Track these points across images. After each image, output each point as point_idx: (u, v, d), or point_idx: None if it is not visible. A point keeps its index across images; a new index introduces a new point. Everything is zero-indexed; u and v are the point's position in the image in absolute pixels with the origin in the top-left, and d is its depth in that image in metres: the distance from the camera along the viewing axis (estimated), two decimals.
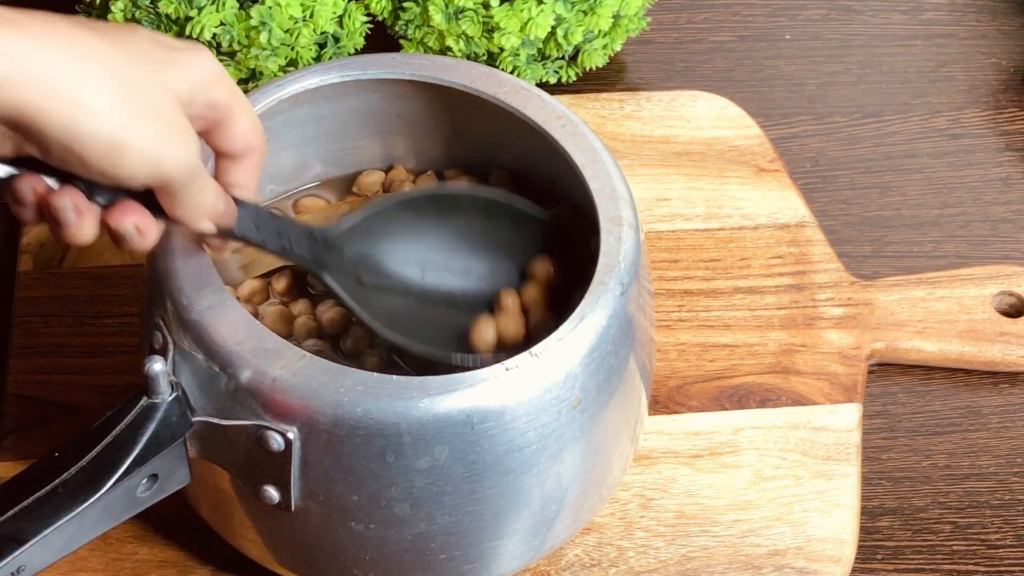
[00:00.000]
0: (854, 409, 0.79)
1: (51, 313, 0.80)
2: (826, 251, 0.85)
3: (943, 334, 0.81)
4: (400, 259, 0.68)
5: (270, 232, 0.63)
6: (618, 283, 0.64)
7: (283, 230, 0.64)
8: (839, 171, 0.91)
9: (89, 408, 0.76)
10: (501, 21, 0.87)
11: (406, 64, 0.71)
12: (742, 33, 0.98)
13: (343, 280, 0.66)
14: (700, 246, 0.85)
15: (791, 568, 0.73)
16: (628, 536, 0.74)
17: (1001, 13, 1.01)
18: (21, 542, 0.58)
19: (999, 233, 0.88)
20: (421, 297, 0.69)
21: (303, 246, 0.64)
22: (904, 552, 0.75)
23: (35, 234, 0.83)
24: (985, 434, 0.80)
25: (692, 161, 0.89)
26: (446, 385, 0.60)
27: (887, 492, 0.77)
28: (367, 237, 0.67)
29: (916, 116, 0.94)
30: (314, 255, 0.65)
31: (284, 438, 0.60)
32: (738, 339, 0.81)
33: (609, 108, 0.91)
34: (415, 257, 0.69)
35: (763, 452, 0.77)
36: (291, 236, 0.64)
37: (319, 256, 0.65)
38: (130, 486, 0.60)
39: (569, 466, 0.64)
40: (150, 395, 0.60)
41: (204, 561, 0.72)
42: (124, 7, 0.86)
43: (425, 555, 0.64)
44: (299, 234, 0.64)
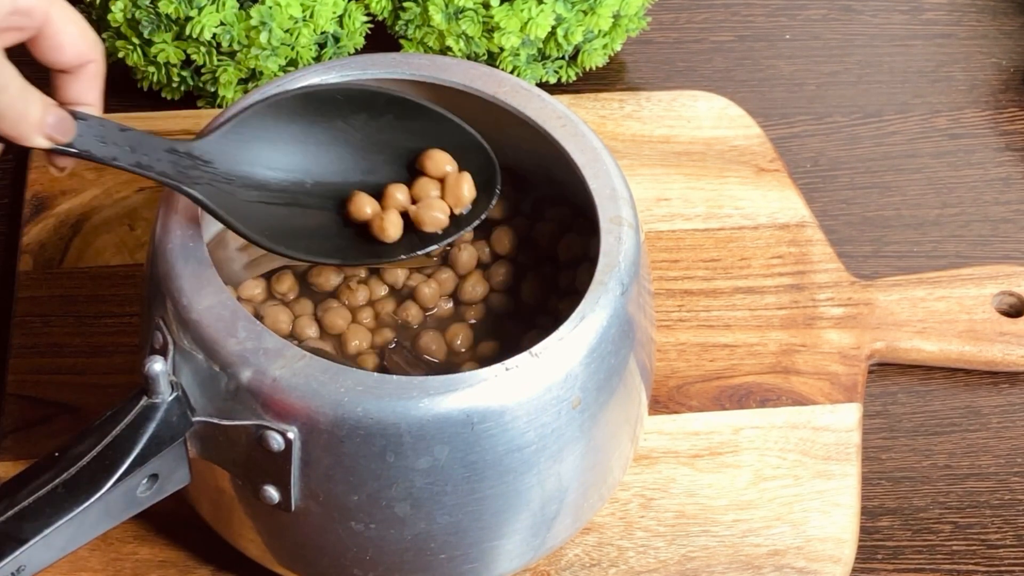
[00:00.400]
0: (854, 409, 0.79)
1: (51, 313, 0.80)
2: (826, 251, 0.85)
3: (943, 334, 0.81)
4: (280, 166, 0.65)
5: (121, 147, 0.60)
6: (618, 283, 0.64)
7: (137, 144, 0.60)
8: (839, 171, 0.91)
9: (89, 408, 0.76)
10: (501, 21, 0.87)
11: (406, 64, 0.71)
12: (742, 33, 0.99)
13: (216, 195, 0.62)
14: (700, 246, 0.85)
15: (791, 568, 0.73)
16: (628, 536, 0.74)
17: (1001, 13, 1.01)
18: (21, 542, 0.58)
19: (999, 233, 0.88)
20: (308, 204, 0.66)
21: (163, 161, 0.61)
22: (904, 552, 0.75)
23: (35, 234, 0.83)
24: (985, 434, 0.80)
25: (692, 161, 0.89)
26: (446, 385, 0.60)
27: (887, 492, 0.77)
28: (239, 146, 0.64)
29: (916, 116, 0.94)
30: (178, 170, 0.61)
31: (284, 438, 0.60)
32: (738, 339, 0.81)
33: (609, 108, 0.91)
34: (296, 163, 0.66)
35: (763, 452, 0.77)
36: (147, 150, 0.60)
37: (184, 171, 0.61)
38: (130, 486, 0.60)
39: (569, 466, 0.64)
40: (150, 395, 0.60)
41: (204, 561, 0.72)
42: (124, 7, 0.86)
43: (425, 555, 0.64)
44: (156, 147, 0.61)
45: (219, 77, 0.88)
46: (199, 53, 0.87)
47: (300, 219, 0.66)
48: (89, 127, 0.59)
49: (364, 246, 0.67)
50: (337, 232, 0.67)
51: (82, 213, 0.84)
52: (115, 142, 0.60)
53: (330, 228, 0.67)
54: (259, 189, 0.64)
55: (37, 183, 0.85)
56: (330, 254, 0.66)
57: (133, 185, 0.85)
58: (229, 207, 0.62)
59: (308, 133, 0.66)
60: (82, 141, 0.59)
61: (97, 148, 0.59)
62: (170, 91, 0.90)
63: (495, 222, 0.73)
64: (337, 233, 0.67)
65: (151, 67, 0.88)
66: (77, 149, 0.59)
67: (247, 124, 0.64)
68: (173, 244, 0.63)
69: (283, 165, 0.65)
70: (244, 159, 0.64)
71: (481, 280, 0.72)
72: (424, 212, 0.67)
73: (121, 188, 0.85)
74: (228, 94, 0.88)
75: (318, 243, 0.65)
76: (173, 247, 0.63)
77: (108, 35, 0.88)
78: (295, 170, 0.66)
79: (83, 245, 0.83)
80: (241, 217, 0.63)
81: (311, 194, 0.66)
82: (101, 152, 0.59)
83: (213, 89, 0.89)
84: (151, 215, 0.82)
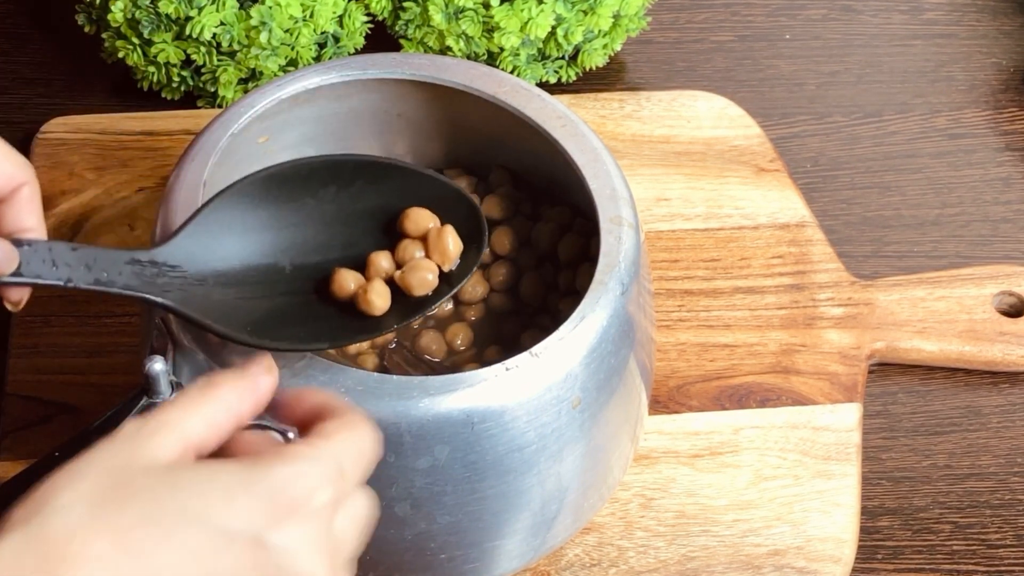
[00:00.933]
0: (854, 409, 0.79)
1: (51, 313, 0.80)
2: (826, 251, 0.85)
3: (943, 334, 0.81)
4: (254, 256, 0.62)
5: (75, 267, 0.56)
6: (618, 283, 0.64)
7: (93, 261, 0.56)
8: (839, 171, 0.91)
9: (89, 408, 0.76)
10: (501, 21, 0.87)
11: (406, 64, 0.71)
12: (742, 33, 0.98)
13: (188, 300, 0.58)
14: (700, 246, 0.85)
15: (791, 568, 0.73)
16: (628, 536, 0.74)
17: (1001, 13, 1.01)
18: None
19: (999, 233, 0.88)
20: (289, 291, 0.63)
21: (125, 274, 0.57)
22: (904, 552, 0.75)
23: None
24: (985, 434, 0.80)
25: (692, 161, 0.89)
26: (446, 385, 0.60)
27: (887, 492, 0.77)
28: (206, 243, 0.60)
29: (916, 116, 0.94)
30: (143, 281, 0.57)
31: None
32: (738, 339, 0.81)
33: (609, 108, 0.91)
34: (270, 249, 0.62)
35: (763, 452, 0.77)
36: (105, 266, 0.56)
37: (151, 280, 0.57)
38: None
39: (569, 466, 0.64)
40: (150, 395, 0.60)
41: None
42: (124, 7, 0.86)
43: (425, 555, 0.64)
44: (116, 260, 0.57)
45: (219, 77, 0.88)
46: (199, 53, 0.87)
47: (283, 307, 0.62)
48: (35, 252, 0.55)
49: (353, 322, 0.63)
50: (323, 313, 0.63)
51: (82, 213, 0.84)
52: (67, 263, 0.56)
53: (315, 310, 0.63)
54: (236, 286, 0.61)
55: None
56: (318, 339, 0.62)
57: (133, 185, 0.85)
58: (205, 309, 0.59)
59: (278, 217, 0.63)
60: (29, 268, 0.55)
61: (47, 272, 0.55)
62: (170, 91, 0.90)
63: (495, 222, 0.73)
64: (323, 315, 0.63)
65: (151, 67, 0.88)
66: (25, 278, 0.55)
67: (211, 219, 0.61)
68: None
69: (257, 253, 0.62)
70: (214, 256, 0.60)
71: (481, 280, 0.72)
72: (411, 276, 0.64)
73: (121, 188, 0.85)
74: (228, 94, 0.88)
75: (304, 328, 0.62)
76: None
77: (108, 35, 0.88)
78: (270, 255, 0.62)
79: None
80: (219, 317, 0.59)
81: (292, 279, 0.63)
82: (53, 275, 0.55)
83: (213, 89, 0.89)
84: (151, 215, 0.82)
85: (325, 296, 0.64)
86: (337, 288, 0.63)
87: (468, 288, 0.71)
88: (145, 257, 0.58)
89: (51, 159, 0.86)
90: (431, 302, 0.65)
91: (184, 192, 0.65)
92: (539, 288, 0.72)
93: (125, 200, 0.85)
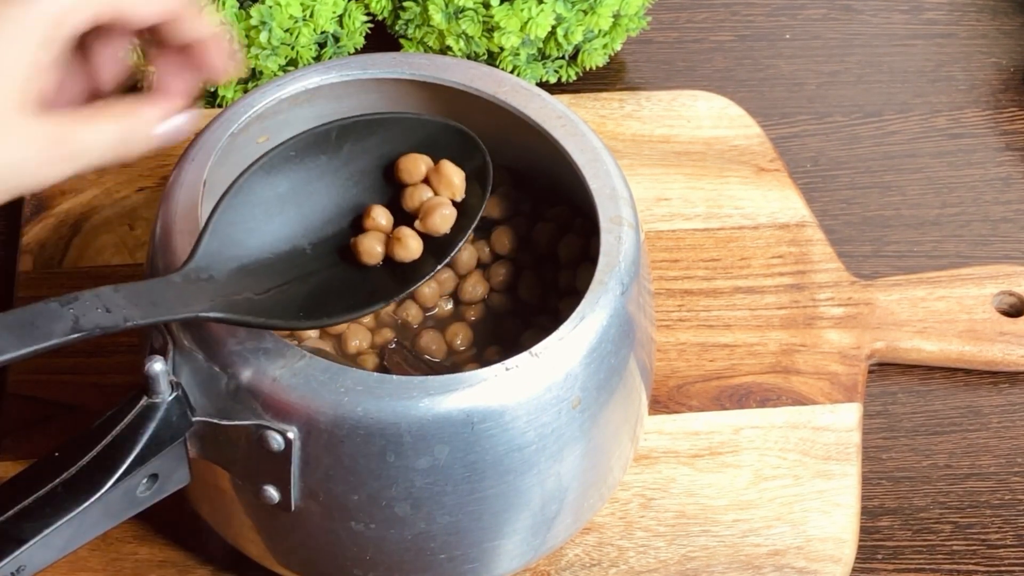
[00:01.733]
0: (854, 409, 0.79)
1: None
2: (826, 251, 0.85)
3: (943, 334, 0.81)
4: (272, 244, 0.62)
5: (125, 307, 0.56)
6: (618, 283, 0.64)
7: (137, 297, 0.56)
8: (839, 171, 0.91)
9: (89, 408, 0.76)
10: (501, 21, 0.87)
11: (406, 64, 0.71)
12: (742, 33, 0.98)
13: (236, 305, 0.59)
14: (700, 246, 0.85)
15: (791, 568, 0.73)
16: (628, 536, 0.74)
17: (1001, 13, 1.01)
18: (21, 542, 0.58)
19: (999, 233, 0.88)
20: (318, 268, 0.63)
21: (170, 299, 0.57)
22: (904, 552, 0.75)
23: (35, 234, 0.83)
24: (985, 434, 0.80)
25: (692, 161, 0.89)
26: (446, 385, 0.60)
27: (887, 492, 0.77)
28: (227, 243, 0.61)
29: (916, 116, 0.94)
30: (188, 300, 0.58)
31: (284, 438, 0.60)
32: (738, 339, 0.81)
33: (609, 108, 0.91)
34: (285, 232, 0.63)
35: (763, 452, 0.77)
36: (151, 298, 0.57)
37: (194, 297, 0.58)
38: (130, 486, 0.60)
39: (569, 466, 0.64)
40: (150, 395, 0.60)
41: (204, 561, 0.72)
42: None
43: (425, 555, 0.64)
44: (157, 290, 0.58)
45: None
46: None
47: (321, 285, 0.63)
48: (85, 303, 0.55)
49: (393, 275, 0.64)
50: (360, 278, 0.64)
51: (82, 213, 0.84)
52: (117, 304, 0.56)
53: (352, 276, 0.64)
54: (267, 277, 0.61)
55: None
56: (370, 301, 0.63)
57: (133, 185, 0.85)
58: (252, 309, 0.59)
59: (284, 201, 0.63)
60: (88, 320, 0.55)
61: (105, 319, 0.55)
62: None
63: (495, 222, 0.73)
64: (361, 279, 0.64)
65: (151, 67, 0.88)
66: (87, 332, 0.55)
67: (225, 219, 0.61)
68: (173, 243, 0.63)
69: (275, 241, 0.63)
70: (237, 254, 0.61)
71: (481, 280, 0.72)
72: (429, 218, 0.65)
73: (121, 188, 0.85)
74: (228, 94, 0.88)
75: (352, 297, 0.63)
76: (173, 246, 0.63)
77: None
78: (289, 240, 0.63)
79: (83, 245, 0.83)
80: (268, 312, 0.60)
81: (315, 256, 0.64)
82: (111, 321, 0.55)
83: (213, 89, 0.89)
84: (151, 215, 0.82)
85: (354, 261, 0.64)
86: (365, 254, 0.64)
87: (468, 288, 0.71)
88: (179, 278, 0.59)
89: None
90: (458, 238, 0.65)
91: (184, 192, 0.65)
92: (539, 288, 0.72)
93: (125, 200, 0.85)
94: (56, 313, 0.54)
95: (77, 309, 0.55)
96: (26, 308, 0.54)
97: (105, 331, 0.55)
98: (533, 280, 0.72)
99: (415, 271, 0.65)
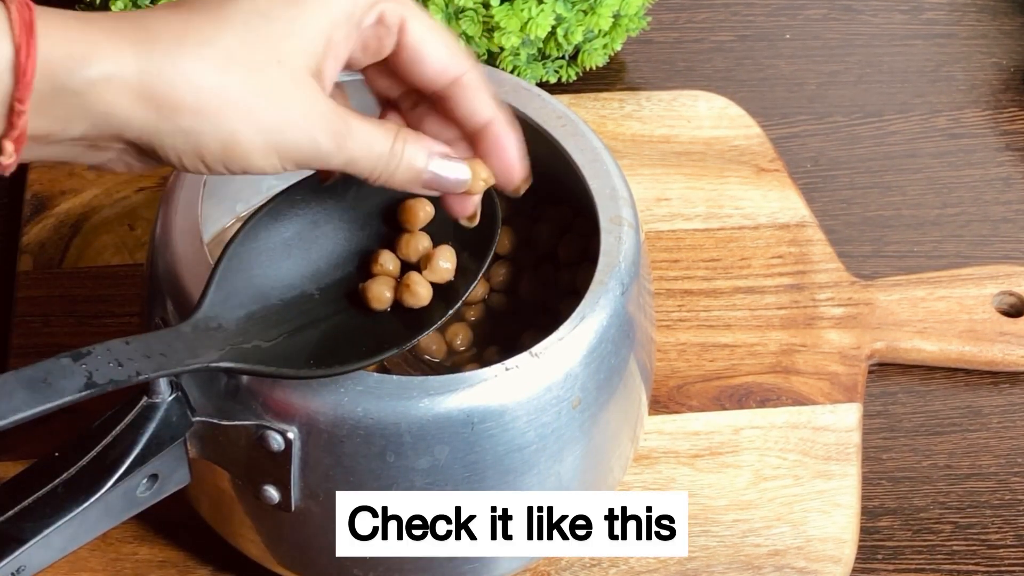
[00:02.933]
0: (854, 409, 0.79)
1: (51, 313, 0.80)
2: (826, 251, 0.85)
3: (943, 334, 0.81)
4: (280, 289, 0.62)
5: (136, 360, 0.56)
6: (618, 283, 0.64)
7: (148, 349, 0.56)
8: (839, 171, 0.91)
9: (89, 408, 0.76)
10: (501, 21, 0.87)
11: None
12: (742, 33, 0.98)
13: (247, 354, 0.59)
14: (700, 246, 0.85)
15: (791, 568, 0.73)
16: None
17: (1001, 13, 1.01)
18: (21, 542, 0.58)
19: (999, 233, 0.88)
20: (326, 315, 0.63)
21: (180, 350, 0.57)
22: (904, 552, 0.75)
23: (35, 234, 0.83)
24: (985, 434, 0.80)
25: (692, 161, 0.89)
26: (446, 385, 0.60)
27: (887, 492, 0.77)
28: (235, 291, 0.60)
29: (916, 116, 0.94)
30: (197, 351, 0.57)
31: (284, 438, 0.60)
32: (738, 339, 0.81)
33: (609, 108, 0.91)
34: (295, 278, 0.63)
35: (763, 452, 0.77)
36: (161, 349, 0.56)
37: (204, 347, 0.58)
38: (130, 486, 0.60)
39: (569, 466, 0.64)
40: (150, 395, 0.60)
41: (204, 561, 0.72)
42: (124, 6, 0.86)
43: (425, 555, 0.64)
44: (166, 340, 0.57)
45: None
46: None
47: (330, 330, 0.62)
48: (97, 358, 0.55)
49: (402, 321, 0.63)
50: (369, 323, 0.63)
51: (82, 213, 0.84)
52: (128, 357, 0.56)
53: (360, 322, 0.63)
54: (275, 326, 0.61)
55: (37, 183, 0.85)
56: (380, 348, 0.62)
57: (133, 185, 0.85)
58: (262, 358, 0.59)
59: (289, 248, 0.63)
60: (101, 374, 0.55)
61: (118, 373, 0.55)
62: None
63: None
64: (370, 324, 0.63)
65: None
66: (102, 387, 0.55)
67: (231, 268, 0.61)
68: (173, 244, 0.63)
69: (282, 287, 0.62)
70: (244, 302, 0.61)
71: (481, 280, 0.72)
72: (430, 269, 0.64)
73: (121, 188, 0.85)
74: None
75: (362, 343, 0.62)
76: (173, 247, 0.63)
77: None
78: (296, 286, 0.62)
79: (83, 245, 0.83)
80: (278, 360, 0.59)
81: (323, 302, 0.63)
82: (124, 375, 0.55)
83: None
84: (151, 215, 0.82)
85: (362, 306, 0.63)
86: (375, 300, 0.63)
87: None
88: (188, 328, 0.58)
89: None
90: (466, 283, 0.64)
91: (184, 192, 0.65)
92: (539, 288, 0.72)
93: (125, 200, 0.85)
94: (68, 369, 0.54)
95: (89, 364, 0.55)
96: (39, 365, 0.54)
97: (118, 386, 0.55)
98: (533, 280, 0.72)
99: (425, 316, 0.64)
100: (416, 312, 0.63)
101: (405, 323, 0.63)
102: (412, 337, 0.63)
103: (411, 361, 0.69)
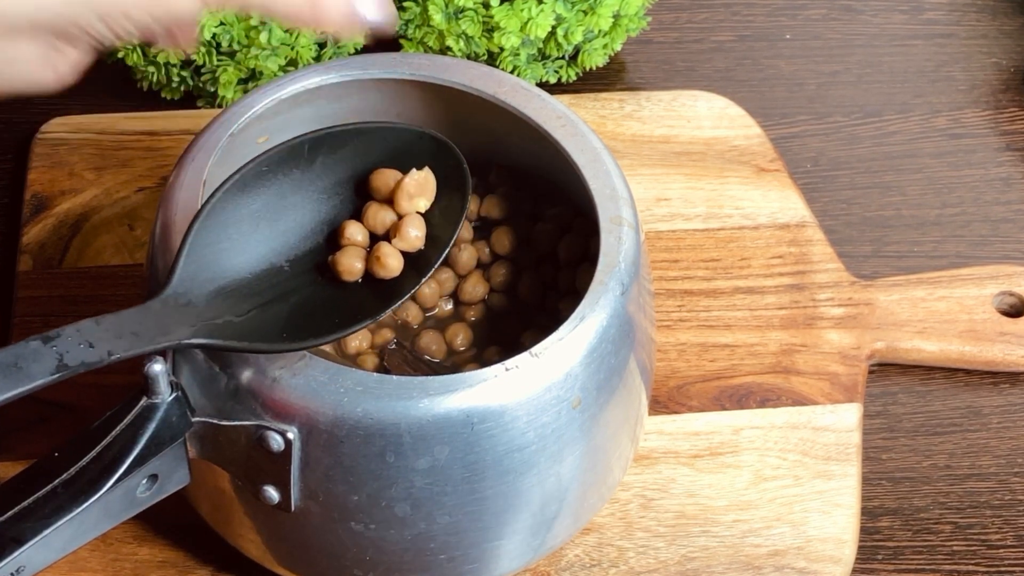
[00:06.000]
0: (854, 409, 0.79)
1: (51, 313, 0.80)
2: (826, 251, 0.85)
3: (943, 334, 0.81)
4: (250, 263, 0.61)
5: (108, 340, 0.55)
6: (618, 283, 0.64)
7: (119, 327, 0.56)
8: (839, 171, 0.91)
9: (89, 408, 0.76)
10: (501, 21, 0.87)
11: (406, 64, 0.71)
12: (742, 33, 0.99)
13: (218, 329, 0.58)
14: (700, 246, 0.85)
15: (791, 568, 0.73)
16: (628, 536, 0.74)
17: (1001, 13, 1.01)
18: (21, 542, 0.58)
19: (999, 233, 0.88)
20: (297, 288, 0.62)
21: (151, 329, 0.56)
22: (904, 552, 0.75)
23: (35, 234, 0.83)
24: (985, 434, 0.80)
25: (692, 161, 0.89)
26: (446, 385, 0.60)
27: (887, 492, 0.77)
28: (204, 264, 0.60)
29: (916, 116, 0.94)
30: (168, 328, 0.57)
31: (284, 438, 0.60)
32: (738, 339, 0.81)
33: (609, 108, 0.91)
34: (264, 250, 0.62)
35: (763, 452, 0.77)
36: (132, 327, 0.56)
37: (175, 324, 0.57)
38: (130, 486, 0.60)
39: (569, 466, 0.64)
40: (150, 395, 0.60)
41: (204, 561, 0.72)
42: None
43: (425, 555, 0.64)
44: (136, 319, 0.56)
45: (219, 77, 0.88)
46: (199, 53, 0.87)
47: (301, 303, 0.62)
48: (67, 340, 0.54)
49: (374, 292, 0.63)
50: (341, 295, 0.63)
51: (82, 213, 0.84)
52: (99, 338, 0.55)
53: (332, 294, 0.63)
54: (246, 299, 0.60)
55: (36, 183, 0.85)
56: (354, 319, 0.61)
57: (133, 185, 0.85)
58: (234, 333, 0.58)
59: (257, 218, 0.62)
60: (72, 357, 0.54)
61: (89, 355, 0.54)
62: (170, 91, 0.90)
63: (495, 222, 0.73)
64: (342, 296, 0.63)
65: (151, 67, 0.88)
66: (73, 369, 0.54)
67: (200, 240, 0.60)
68: (173, 244, 0.63)
69: (252, 260, 0.61)
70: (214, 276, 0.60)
71: (481, 280, 0.72)
72: (399, 237, 0.63)
73: (121, 188, 0.85)
74: (228, 94, 0.88)
75: (335, 315, 0.62)
76: (173, 247, 0.63)
77: None
78: (265, 259, 0.62)
79: (83, 245, 0.83)
80: (250, 335, 0.59)
81: (294, 275, 0.63)
82: (96, 356, 0.54)
83: (213, 89, 0.89)
84: (151, 215, 0.82)
85: (333, 278, 0.63)
86: (345, 272, 0.63)
87: (468, 288, 0.71)
88: (158, 304, 0.58)
89: (51, 159, 0.86)
90: (437, 252, 0.64)
91: (184, 192, 0.65)
92: (539, 288, 0.72)
93: (125, 200, 0.85)
94: (39, 352, 0.54)
95: (60, 347, 0.54)
96: (8, 349, 0.53)
97: (90, 367, 0.54)
98: (533, 280, 0.72)
99: (397, 287, 0.64)
100: (388, 283, 0.63)
101: (377, 294, 0.63)
102: (385, 308, 0.63)
103: (411, 361, 0.69)
